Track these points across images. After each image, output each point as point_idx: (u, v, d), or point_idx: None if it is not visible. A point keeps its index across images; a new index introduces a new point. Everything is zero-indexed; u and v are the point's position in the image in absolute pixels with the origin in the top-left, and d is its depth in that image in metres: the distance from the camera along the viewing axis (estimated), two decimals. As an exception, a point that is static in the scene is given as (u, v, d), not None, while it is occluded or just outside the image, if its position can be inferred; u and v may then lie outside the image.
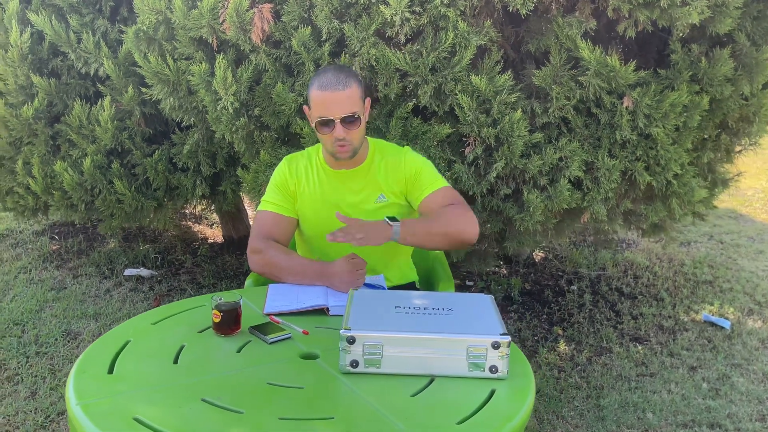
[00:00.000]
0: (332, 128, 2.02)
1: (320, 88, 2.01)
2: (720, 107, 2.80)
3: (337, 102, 2.00)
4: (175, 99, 2.94)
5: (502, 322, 1.64)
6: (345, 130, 2.02)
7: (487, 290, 3.94)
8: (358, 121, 2.04)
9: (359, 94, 2.06)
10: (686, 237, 5.13)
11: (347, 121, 2.01)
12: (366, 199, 2.17)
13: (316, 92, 2.02)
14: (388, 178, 2.17)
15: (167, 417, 1.37)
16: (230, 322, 1.76)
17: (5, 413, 2.63)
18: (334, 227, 2.04)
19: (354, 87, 2.03)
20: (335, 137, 2.03)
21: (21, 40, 3.23)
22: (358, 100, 2.05)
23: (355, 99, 2.03)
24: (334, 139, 2.03)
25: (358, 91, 2.05)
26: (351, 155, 2.09)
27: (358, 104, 2.04)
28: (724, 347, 3.33)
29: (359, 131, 2.06)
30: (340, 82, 2.01)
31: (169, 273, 4.16)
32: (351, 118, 2.02)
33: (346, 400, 1.47)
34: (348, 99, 2.01)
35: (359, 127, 2.05)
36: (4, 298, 3.69)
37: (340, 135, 2.02)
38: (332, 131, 2.02)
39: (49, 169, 3.39)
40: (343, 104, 2.00)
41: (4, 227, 4.95)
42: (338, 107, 2.00)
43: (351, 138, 2.04)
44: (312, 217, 2.19)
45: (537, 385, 2.93)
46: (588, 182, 2.74)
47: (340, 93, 2.00)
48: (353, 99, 2.02)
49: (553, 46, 2.56)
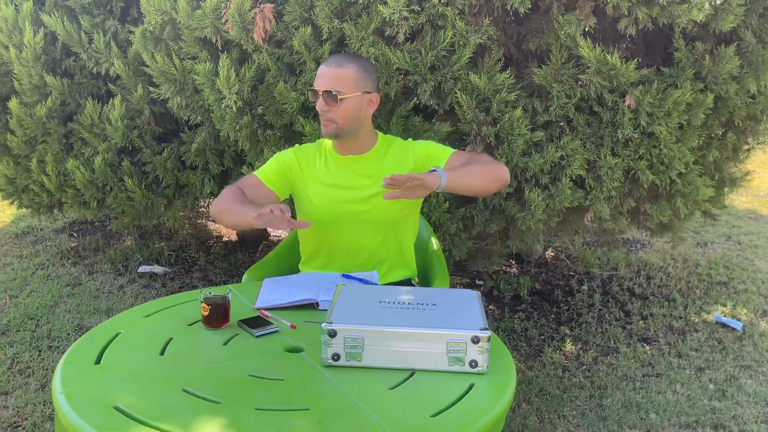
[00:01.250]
0: (316, 100, 2.13)
1: (323, 63, 2.18)
2: (725, 105, 2.76)
3: (325, 76, 2.12)
4: (182, 98, 2.98)
5: (484, 317, 1.64)
6: (325, 104, 2.11)
7: (496, 289, 3.93)
8: (335, 99, 2.10)
9: (353, 78, 2.12)
10: (703, 238, 5.07)
11: (327, 96, 2.10)
12: (372, 184, 2.22)
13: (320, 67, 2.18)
14: (396, 164, 2.24)
15: (147, 406, 1.40)
16: (219, 315, 1.79)
17: (15, 405, 2.69)
18: (340, 211, 2.19)
19: (349, 69, 2.12)
20: (318, 109, 2.13)
21: (35, 41, 3.30)
22: (349, 83, 2.12)
23: (344, 79, 2.11)
24: (319, 112, 2.14)
25: (354, 75, 2.12)
26: (334, 134, 2.16)
27: (345, 85, 2.11)
28: (734, 348, 3.29)
29: (341, 111, 2.12)
30: (336, 61, 2.14)
31: (183, 270, 4.22)
32: (329, 93, 2.10)
33: (325, 392, 1.49)
34: (335, 77, 2.11)
35: (339, 107, 2.11)
36: (20, 293, 3.78)
37: (320, 107, 2.12)
38: (316, 104, 2.13)
39: (63, 167, 3.46)
40: (329, 80, 2.11)
41: (25, 225, 5.06)
42: (324, 81, 2.12)
43: (332, 115, 2.12)
44: (318, 201, 2.24)
45: (540, 384, 2.93)
46: (590, 181, 2.73)
47: (331, 69, 2.12)
48: (342, 78, 2.11)
49: (553, 45, 2.56)
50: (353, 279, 2.13)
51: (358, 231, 2.23)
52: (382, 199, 2.19)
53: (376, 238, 2.25)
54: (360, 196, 2.21)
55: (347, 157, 2.25)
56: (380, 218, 2.23)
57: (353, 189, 2.22)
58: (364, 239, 2.24)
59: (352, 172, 2.24)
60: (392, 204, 2.20)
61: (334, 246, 2.27)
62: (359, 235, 2.24)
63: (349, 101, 2.12)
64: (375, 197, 2.21)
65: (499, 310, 3.71)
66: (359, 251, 2.25)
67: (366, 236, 2.24)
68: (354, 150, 2.24)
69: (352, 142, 2.22)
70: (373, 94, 2.18)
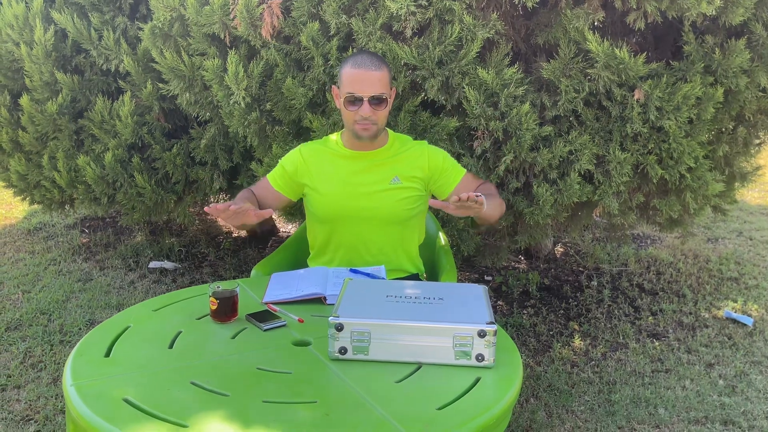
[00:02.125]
0: (359, 106, 2.10)
1: (354, 66, 2.11)
2: (736, 99, 2.74)
3: (369, 81, 2.09)
4: (191, 94, 3.00)
5: (490, 311, 1.64)
6: (372, 109, 2.10)
7: (505, 285, 3.93)
8: (385, 102, 2.13)
9: (388, 79, 2.16)
10: (714, 233, 5.04)
11: (375, 100, 2.10)
12: (380, 179, 2.23)
13: (350, 70, 2.12)
14: (408, 165, 2.25)
15: (155, 399, 1.42)
16: (227, 309, 1.80)
17: (28, 398, 2.72)
18: (348, 206, 2.20)
19: (385, 71, 2.14)
20: (361, 115, 2.11)
21: (45, 38, 3.33)
22: (387, 84, 2.14)
23: (384, 82, 2.12)
24: (359, 117, 2.11)
25: (388, 76, 2.16)
26: (373, 136, 2.17)
27: (386, 87, 2.14)
28: (744, 344, 3.27)
29: (384, 113, 2.15)
30: (373, 64, 2.11)
31: (193, 266, 4.24)
32: (379, 98, 2.11)
33: (332, 385, 1.50)
34: (379, 80, 2.10)
35: (385, 108, 2.14)
36: (33, 289, 3.81)
37: (366, 113, 2.10)
38: (359, 109, 2.10)
39: (73, 164, 3.49)
40: (374, 84, 2.09)
41: (38, 221, 5.10)
42: (369, 86, 2.09)
43: (376, 118, 2.12)
44: (326, 197, 2.24)
45: (548, 379, 2.92)
46: (599, 176, 2.72)
47: (372, 73, 2.09)
48: (383, 81, 2.12)
49: (561, 39, 2.55)
50: (360, 273, 2.13)
51: (365, 227, 2.24)
52: (390, 196, 2.22)
53: (382, 235, 2.25)
54: (368, 191, 2.22)
55: (357, 153, 2.25)
56: (387, 215, 2.23)
57: (361, 185, 2.22)
58: (370, 235, 2.24)
59: (360, 168, 2.25)
60: (400, 201, 2.22)
61: (341, 242, 2.27)
62: (366, 232, 2.24)
63: (389, 102, 2.17)
64: (383, 194, 2.21)
65: (508, 305, 3.70)
66: (366, 247, 2.26)
67: (372, 233, 2.24)
68: (366, 146, 2.24)
69: (371, 142, 2.22)
70: (393, 89, 2.23)
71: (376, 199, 2.21)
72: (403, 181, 2.23)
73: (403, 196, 2.23)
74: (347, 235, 2.26)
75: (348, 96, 2.11)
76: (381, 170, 2.24)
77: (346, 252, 2.27)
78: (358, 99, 2.10)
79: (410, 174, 2.25)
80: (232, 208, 1.88)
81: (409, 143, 2.31)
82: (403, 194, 2.23)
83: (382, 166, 2.24)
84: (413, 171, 2.25)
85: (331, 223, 2.26)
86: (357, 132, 2.15)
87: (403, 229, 2.29)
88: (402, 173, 2.24)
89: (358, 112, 2.11)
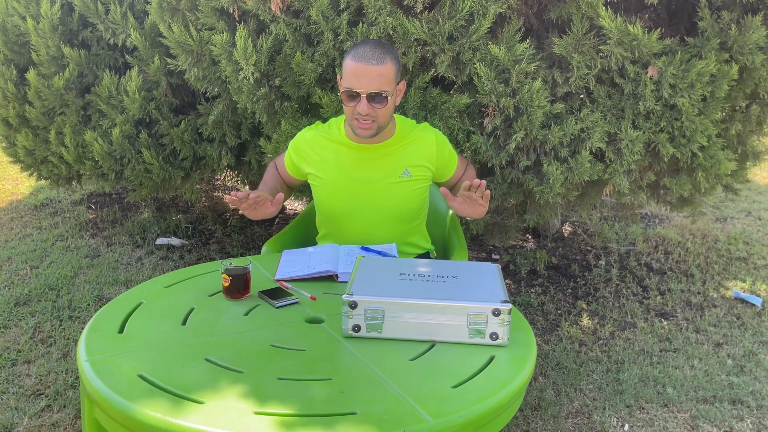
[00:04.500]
0: (357, 102, 1.98)
1: (354, 59, 1.97)
2: (751, 76, 2.71)
3: (368, 76, 1.95)
4: (199, 69, 2.97)
5: (504, 290, 1.64)
6: (369, 106, 1.98)
7: (513, 264, 3.92)
8: (385, 101, 1.99)
9: (393, 73, 2.00)
10: (723, 213, 5.02)
11: (373, 98, 1.97)
12: (390, 174, 2.16)
13: (350, 62, 1.98)
14: (416, 154, 2.17)
15: (170, 375, 1.42)
16: (239, 286, 1.79)
17: (38, 373, 2.73)
18: (352, 201, 2.14)
19: (389, 65, 1.98)
20: (358, 111, 1.99)
21: (51, 12, 3.29)
22: (391, 80, 1.99)
23: (387, 77, 1.98)
24: (356, 113, 2.00)
25: (393, 70, 2.00)
26: (373, 134, 2.05)
27: (388, 83, 1.99)
28: (753, 324, 3.26)
29: (385, 111, 2.02)
30: (375, 57, 1.96)
31: (200, 243, 4.24)
32: (378, 95, 1.98)
33: (346, 362, 1.50)
34: (379, 76, 1.96)
35: (385, 107, 2.00)
36: (41, 264, 3.82)
37: (363, 110, 1.98)
38: (356, 105, 1.99)
39: (81, 139, 3.47)
40: (373, 80, 1.96)
41: (44, 196, 5.10)
42: (367, 82, 1.96)
43: (376, 115, 2.00)
44: (329, 191, 2.19)
45: (557, 358, 2.92)
46: (610, 154, 2.70)
47: (372, 67, 1.95)
48: (385, 77, 1.97)
49: (574, 14, 2.52)
50: (372, 251, 2.12)
51: (369, 221, 2.18)
52: (402, 190, 2.15)
53: (386, 228, 2.20)
54: (377, 187, 2.15)
55: (362, 146, 2.15)
56: (401, 210, 2.19)
57: (369, 182, 2.15)
58: (374, 229, 2.19)
59: (365, 161, 2.16)
60: (413, 194, 2.17)
61: (345, 234, 2.23)
62: (370, 225, 2.19)
63: (391, 98, 2.02)
64: (394, 187, 2.15)
65: (516, 284, 3.70)
66: (370, 240, 2.20)
67: (376, 226, 2.19)
68: (374, 140, 2.13)
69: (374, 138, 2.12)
70: (402, 82, 2.09)
71: (385, 194, 2.14)
72: (413, 173, 2.16)
73: (415, 188, 2.17)
74: (351, 228, 2.21)
75: (346, 90, 1.99)
76: (390, 162, 2.15)
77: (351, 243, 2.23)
78: (355, 94, 1.98)
79: (419, 163, 2.17)
80: (252, 196, 1.86)
81: (415, 129, 2.20)
82: (414, 186, 2.17)
83: (390, 158, 2.15)
84: (421, 160, 2.17)
85: (335, 217, 2.21)
86: (355, 129, 2.04)
87: (412, 220, 2.26)
88: (411, 163, 2.16)
89: (355, 108, 1.99)
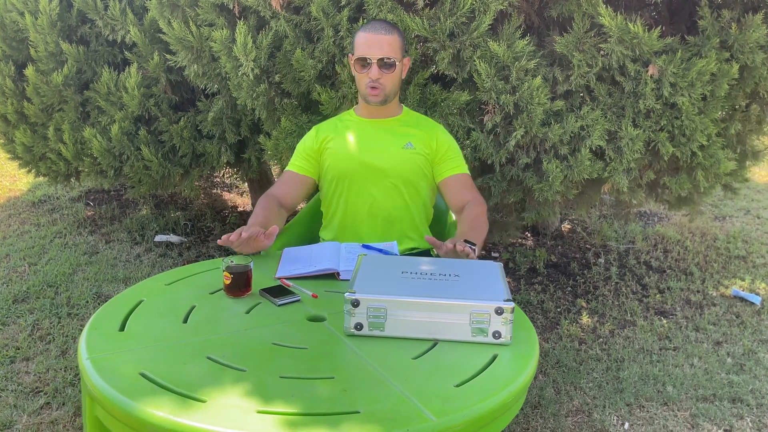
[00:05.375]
0: (368, 68, 2.15)
1: (365, 30, 2.18)
2: (751, 75, 2.71)
3: (378, 43, 2.14)
4: (199, 66, 2.96)
5: (507, 288, 1.63)
6: (380, 71, 2.15)
7: (512, 262, 3.92)
8: (394, 66, 2.17)
9: (400, 44, 2.20)
10: (721, 211, 5.02)
11: (383, 63, 2.15)
12: (393, 143, 2.28)
13: (362, 34, 2.18)
14: (420, 133, 2.30)
15: (172, 373, 1.41)
16: (241, 284, 1.79)
17: (37, 371, 2.72)
18: (360, 161, 2.25)
19: (396, 36, 2.19)
20: (370, 77, 2.16)
21: (50, 7, 3.28)
22: (398, 50, 2.19)
23: (394, 47, 2.17)
24: (368, 79, 2.16)
25: (399, 42, 2.20)
26: (382, 100, 2.21)
27: (396, 52, 2.18)
28: (752, 323, 3.27)
29: (393, 77, 2.19)
30: (384, 28, 2.17)
31: (199, 240, 4.23)
32: (388, 60, 2.15)
33: (348, 361, 1.49)
34: (388, 44, 2.15)
35: (393, 72, 2.18)
36: (39, 261, 3.80)
37: (375, 75, 2.15)
38: (368, 71, 2.16)
39: (80, 136, 3.46)
40: (383, 47, 2.14)
41: (42, 193, 5.08)
42: (378, 49, 2.14)
43: (385, 81, 2.17)
44: (339, 154, 2.29)
45: (556, 356, 2.92)
46: (610, 152, 2.70)
47: (382, 36, 2.15)
48: (393, 46, 2.16)
49: (575, 12, 2.51)
50: (373, 249, 2.12)
51: (375, 187, 2.27)
52: (402, 157, 2.27)
53: (389, 199, 2.28)
54: (380, 150, 2.27)
55: (371, 121, 2.31)
56: (398, 174, 2.26)
57: (373, 148, 2.27)
58: (379, 196, 2.27)
59: (374, 131, 2.29)
60: (410, 162, 2.27)
61: (350, 206, 2.30)
62: (375, 192, 2.27)
63: (398, 67, 2.20)
64: (396, 154, 2.26)
65: (515, 282, 3.70)
66: (375, 211, 2.28)
67: (382, 193, 2.27)
68: (381, 115, 2.30)
69: (384, 108, 2.27)
70: (407, 58, 2.27)
71: (387, 159, 2.26)
72: (417, 146, 2.29)
73: (415, 159, 2.28)
74: (358, 193, 2.28)
75: (358, 59, 2.17)
76: (394, 135, 2.29)
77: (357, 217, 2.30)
78: (367, 61, 2.15)
79: (421, 142, 2.30)
80: (243, 235, 1.92)
81: (423, 120, 2.37)
82: (414, 158, 2.28)
83: (396, 132, 2.30)
84: (423, 144, 2.30)
85: (344, 179, 2.29)
86: (367, 96, 2.21)
87: (412, 195, 2.31)
88: (416, 139, 2.29)
89: (367, 75, 2.16)
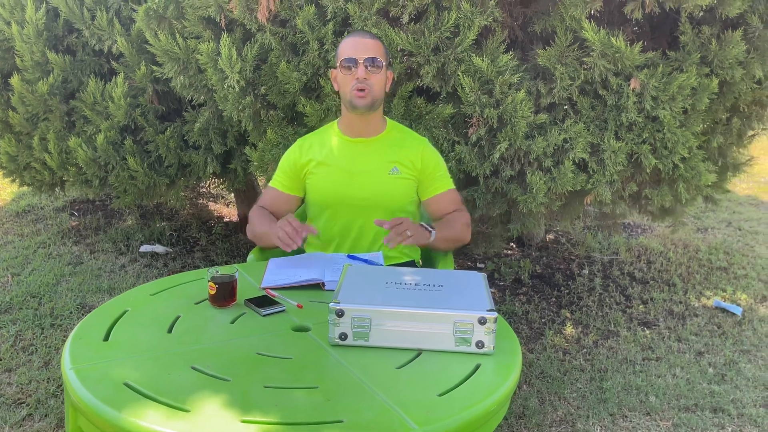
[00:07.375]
0: (355, 69, 2.12)
1: (349, 37, 2.19)
2: (731, 90, 2.76)
3: (364, 46, 2.14)
4: (185, 77, 2.97)
5: (490, 298, 1.65)
6: (367, 71, 2.12)
7: (497, 273, 3.94)
8: (381, 68, 2.15)
9: (384, 52, 2.20)
10: (704, 223, 5.08)
11: (370, 63, 2.12)
12: (380, 169, 2.23)
13: (346, 40, 2.18)
14: (405, 152, 2.25)
15: (156, 383, 1.41)
16: (226, 294, 1.79)
17: (19, 382, 2.71)
18: (346, 194, 2.20)
19: (380, 44, 2.19)
20: (357, 78, 2.12)
21: (36, 17, 3.28)
22: (383, 55, 2.18)
23: (379, 50, 2.17)
24: (355, 81, 2.12)
25: (384, 50, 2.20)
26: (369, 104, 2.15)
27: (382, 56, 2.17)
28: (733, 333, 3.31)
29: (379, 79, 2.16)
30: (369, 35, 2.20)
31: (184, 250, 4.22)
32: (374, 61, 2.13)
33: (332, 371, 1.50)
34: (374, 46, 2.16)
35: (380, 74, 2.15)
36: (22, 272, 3.78)
37: (362, 75, 2.11)
38: (354, 72, 2.12)
39: (65, 145, 3.45)
40: (368, 48, 2.14)
41: (26, 203, 5.05)
42: (363, 50, 2.13)
43: (371, 83, 2.13)
44: (324, 183, 2.26)
45: (541, 366, 2.94)
46: (593, 164, 2.73)
47: (368, 40, 2.16)
48: (378, 49, 2.16)
49: (558, 27, 2.55)
50: (358, 260, 2.13)
51: (363, 216, 2.23)
52: (389, 186, 2.22)
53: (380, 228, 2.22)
54: (367, 180, 2.22)
55: (356, 140, 2.26)
56: (386, 204, 2.23)
57: (360, 174, 2.23)
58: (367, 224, 2.23)
59: (359, 155, 2.25)
60: (399, 191, 2.23)
61: (338, 229, 2.27)
62: (363, 220, 2.24)
63: (384, 72, 2.19)
64: (382, 183, 2.22)
65: (500, 293, 3.72)
66: (362, 234, 2.26)
67: (368, 222, 2.23)
68: (365, 132, 2.25)
69: (368, 120, 2.22)
70: (390, 71, 2.26)
71: (375, 188, 2.22)
72: (402, 171, 2.25)
73: (402, 186, 2.24)
74: (344, 222, 2.26)
75: (343, 61, 2.14)
76: (380, 158, 2.24)
77: (343, 239, 2.27)
78: (353, 62, 2.12)
79: (407, 163, 2.26)
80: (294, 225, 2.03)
81: (407, 133, 2.32)
82: (401, 184, 2.24)
83: (381, 154, 2.24)
84: (411, 160, 2.26)
85: (329, 209, 2.26)
86: (353, 101, 2.15)
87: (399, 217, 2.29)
88: (401, 162, 2.25)
89: (354, 76, 2.12)
